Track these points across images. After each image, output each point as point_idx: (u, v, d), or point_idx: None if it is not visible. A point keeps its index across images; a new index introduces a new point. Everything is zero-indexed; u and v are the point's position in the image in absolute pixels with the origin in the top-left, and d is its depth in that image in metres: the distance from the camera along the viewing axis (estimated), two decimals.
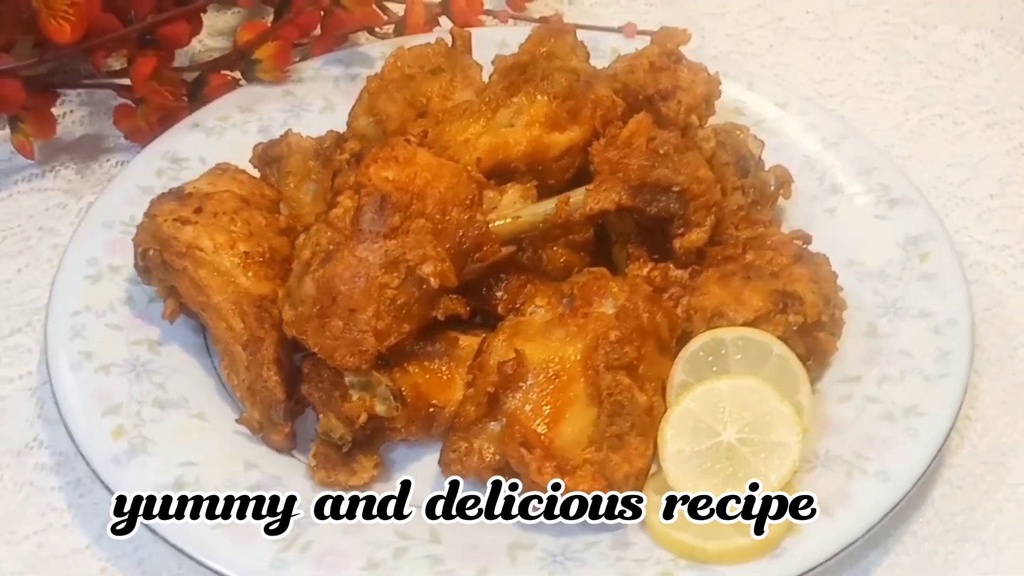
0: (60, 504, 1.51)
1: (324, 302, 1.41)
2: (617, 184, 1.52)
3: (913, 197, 1.77)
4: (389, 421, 1.44)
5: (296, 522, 1.39)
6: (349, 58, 2.04)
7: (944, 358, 1.54)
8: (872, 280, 1.66)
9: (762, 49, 2.25)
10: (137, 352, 1.57)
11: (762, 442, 1.36)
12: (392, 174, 1.44)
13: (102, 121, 2.06)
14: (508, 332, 1.44)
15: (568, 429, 1.38)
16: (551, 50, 1.71)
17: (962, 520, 1.50)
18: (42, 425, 1.59)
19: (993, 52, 2.23)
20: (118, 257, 1.68)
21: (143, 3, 1.86)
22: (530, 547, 1.37)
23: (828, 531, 1.36)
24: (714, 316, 1.47)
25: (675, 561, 1.34)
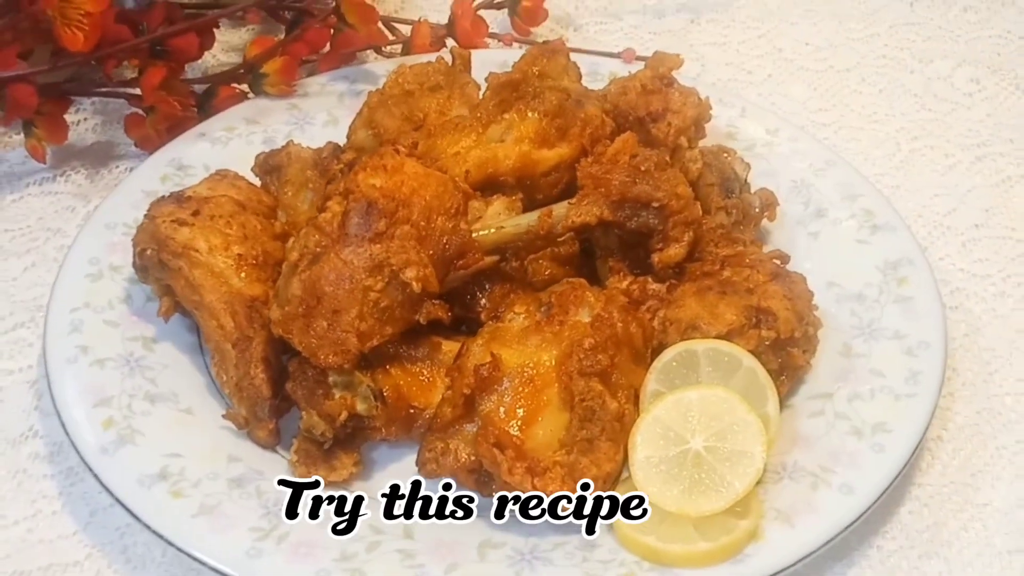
0: (51, 492, 1.56)
1: (309, 302, 1.47)
2: (599, 198, 1.57)
3: (895, 223, 1.81)
4: (369, 420, 1.48)
5: (274, 513, 1.43)
6: (354, 75, 2.10)
7: (914, 378, 1.57)
8: (850, 302, 1.70)
9: (760, 78, 2.30)
10: (132, 348, 1.62)
11: (728, 451, 1.40)
12: (380, 181, 1.49)
13: (114, 129, 2.13)
14: (486, 337, 1.49)
15: (540, 432, 1.42)
16: (543, 70, 1.76)
17: (928, 537, 1.53)
18: (38, 416, 1.65)
19: (987, 87, 2.27)
20: (119, 257, 1.73)
21: (155, 16, 1.92)
22: (499, 545, 1.41)
23: (790, 540, 1.39)
24: (688, 328, 1.51)
25: (639, 563, 1.38)
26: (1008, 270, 1.90)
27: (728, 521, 1.38)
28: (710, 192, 1.74)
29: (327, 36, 2.12)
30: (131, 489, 1.44)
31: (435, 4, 2.43)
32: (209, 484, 1.46)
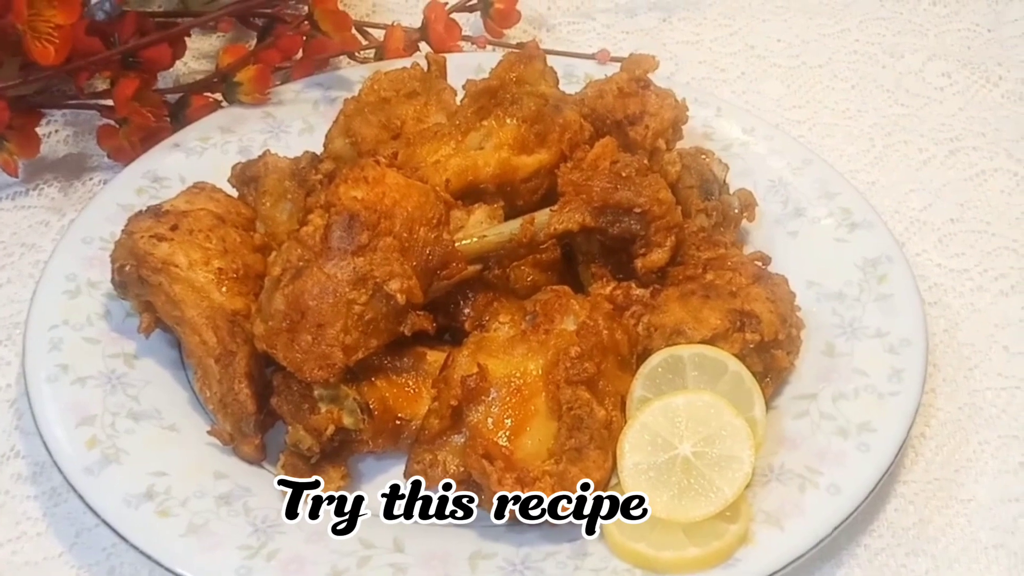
0: (35, 513, 1.55)
1: (293, 317, 1.46)
2: (581, 205, 1.57)
3: (873, 221, 1.82)
4: (356, 433, 1.48)
5: (262, 530, 1.42)
6: (328, 81, 2.08)
7: (897, 376, 1.58)
8: (831, 300, 1.71)
9: (733, 76, 2.31)
10: (113, 365, 1.61)
11: (716, 455, 1.41)
12: (361, 193, 1.49)
13: (86, 141, 2.11)
14: (472, 347, 1.48)
15: (529, 442, 1.42)
16: (521, 75, 1.75)
17: (914, 534, 1.54)
18: (19, 436, 1.63)
19: (958, 81, 2.29)
20: (96, 272, 1.72)
21: (126, 27, 1.90)
22: (491, 556, 1.41)
23: (780, 542, 1.40)
24: (673, 334, 1.52)
25: (631, 571, 1.38)
26: (984, 264, 1.91)
27: (718, 526, 1.38)
28: (689, 195, 1.74)
29: (299, 43, 2.11)
30: (117, 510, 1.43)
31: (406, 8, 2.42)
32: (196, 502, 1.45)
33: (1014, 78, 2.29)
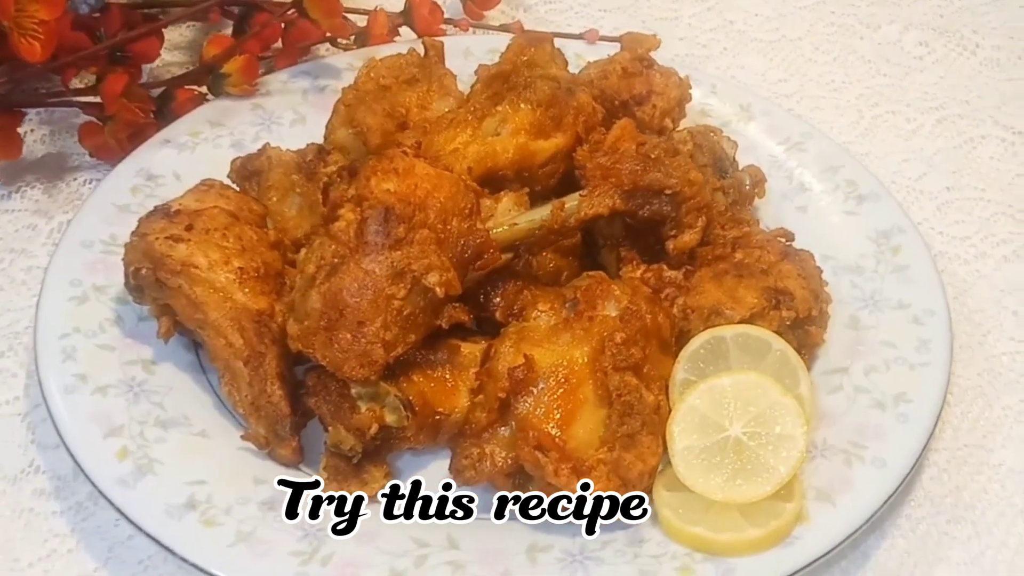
0: (63, 529, 1.49)
1: (331, 315, 1.42)
2: (610, 189, 1.55)
3: (879, 192, 1.83)
4: (399, 430, 1.45)
5: (312, 535, 1.39)
6: (316, 70, 2.04)
7: (925, 346, 1.60)
8: (848, 274, 1.71)
9: (716, 52, 2.30)
10: (132, 372, 1.56)
11: (768, 435, 1.40)
12: (393, 186, 1.45)
13: (64, 139, 2.03)
14: (514, 338, 1.46)
15: (580, 431, 1.40)
16: (532, 59, 1.73)
17: (951, 502, 1.56)
18: (37, 450, 1.57)
19: (936, 50, 2.31)
20: (101, 277, 1.66)
21: (112, 20, 1.84)
22: (548, 548, 1.40)
23: (834, 519, 1.41)
24: (711, 314, 1.51)
25: (691, 555, 1.37)
26: (985, 230, 1.94)
27: (775, 505, 1.38)
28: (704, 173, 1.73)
29: (279, 31, 2.06)
30: (160, 521, 1.38)
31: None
32: (240, 509, 1.41)
33: (989, 45, 2.32)
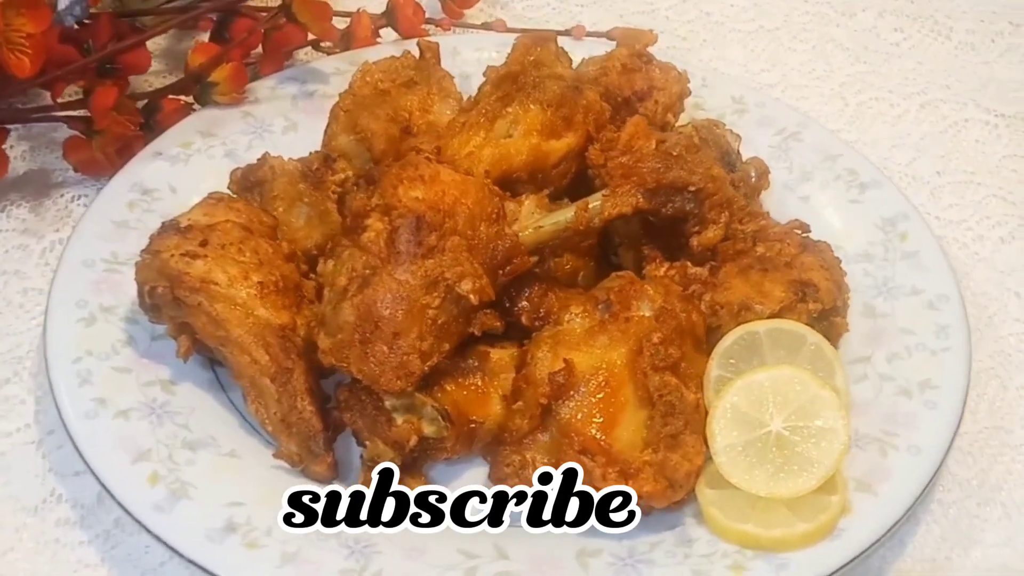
0: (92, 558, 1.45)
1: (366, 328, 1.39)
2: (633, 188, 1.54)
3: (880, 179, 1.85)
4: (437, 441, 1.43)
5: (358, 552, 1.36)
6: (303, 75, 2.00)
7: (944, 332, 1.61)
8: (859, 262, 1.72)
9: (696, 44, 2.31)
10: (152, 394, 1.52)
11: (810, 428, 1.41)
12: (421, 193, 1.43)
13: (44, 154, 1.98)
14: (550, 342, 1.45)
15: (623, 433, 1.40)
16: (538, 58, 1.71)
17: (978, 484, 1.58)
18: (56, 479, 1.52)
19: (912, 35, 2.34)
20: (108, 297, 1.61)
21: (101, 32, 1.78)
22: (597, 553, 1.39)
23: (877, 508, 1.41)
24: (741, 310, 1.51)
25: (742, 552, 1.37)
26: (980, 213, 1.97)
27: (820, 498, 1.39)
28: None
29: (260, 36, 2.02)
30: (201, 546, 1.35)
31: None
32: (281, 530, 1.38)
33: (962, 29, 2.36)
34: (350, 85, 1.82)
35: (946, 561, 1.49)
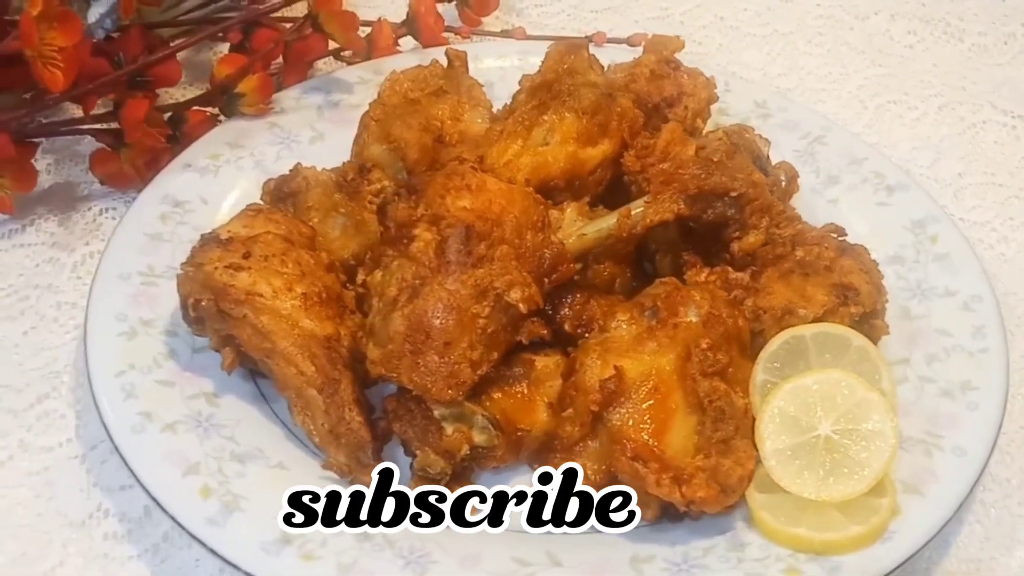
0: (142, 573, 1.45)
1: (417, 338, 1.40)
2: (675, 194, 1.55)
3: (907, 182, 1.86)
4: (487, 450, 1.43)
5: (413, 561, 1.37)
6: (327, 85, 2.00)
7: (980, 332, 1.63)
8: (891, 264, 1.73)
9: (712, 49, 2.32)
10: (197, 407, 1.52)
11: (858, 431, 1.42)
12: (469, 203, 1.44)
13: (69, 167, 1.97)
14: (598, 350, 1.45)
15: (675, 439, 1.40)
16: (572, 66, 1.72)
17: (1017, 483, 1.59)
18: (102, 493, 1.52)
19: (925, 38, 2.36)
20: (146, 310, 1.61)
21: (131, 44, 1.78)
22: (650, 559, 1.39)
23: (926, 510, 1.42)
24: (785, 315, 1.52)
25: (794, 556, 1.38)
26: (1003, 214, 1.98)
27: (871, 501, 1.40)
28: None
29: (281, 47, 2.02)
30: (258, 559, 1.35)
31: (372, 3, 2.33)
32: (336, 541, 1.38)
33: (974, 31, 2.38)
34: (379, 95, 1.82)
35: (991, 561, 1.51)
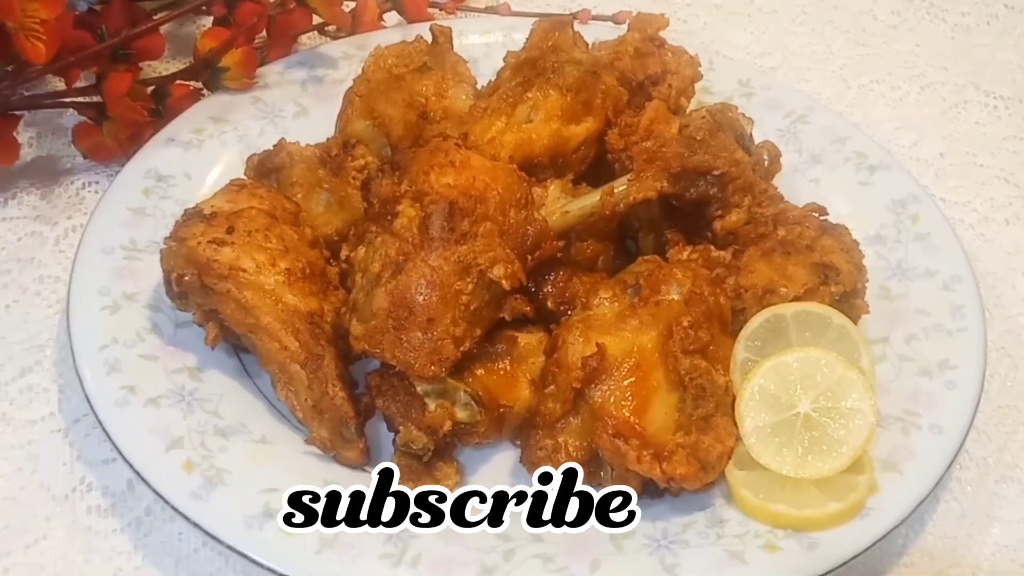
0: (126, 546, 1.45)
1: (400, 314, 1.40)
2: (658, 172, 1.56)
3: (889, 162, 1.87)
4: (470, 426, 1.44)
5: (396, 536, 1.37)
6: (311, 60, 2.00)
7: (959, 312, 1.64)
8: (872, 244, 1.74)
9: (697, 27, 2.32)
10: (180, 381, 1.52)
11: (837, 409, 1.43)
12: (452, 179, 1.44)
13: (51, 140, 1.97)
14: (581, 327, 1.46)
15: (656, 417, 1.41)
16: (556, 43, 1.72)
17: (994, 462, 1.61)
18: (85, 467, 1.52)
19: (908, 19, 2.37)
20: (130, 284, 1.61)
21: (114, 17, 1.77)
22: (630, 534, 1.40)
23: (903, 487, 1.44)
24: (766, 293, 1.53)
25: (773, 532, 1.40)
26: (984, 194, 2.00)
27: (849, 478, 1.41)
28: None
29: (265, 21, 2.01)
30: (241, 533, 1.36)
31: None
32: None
33: (957, 12, 2.39)
34: (363, 70, 1.82)
35: (967, 538, 1.52)
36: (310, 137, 1.78)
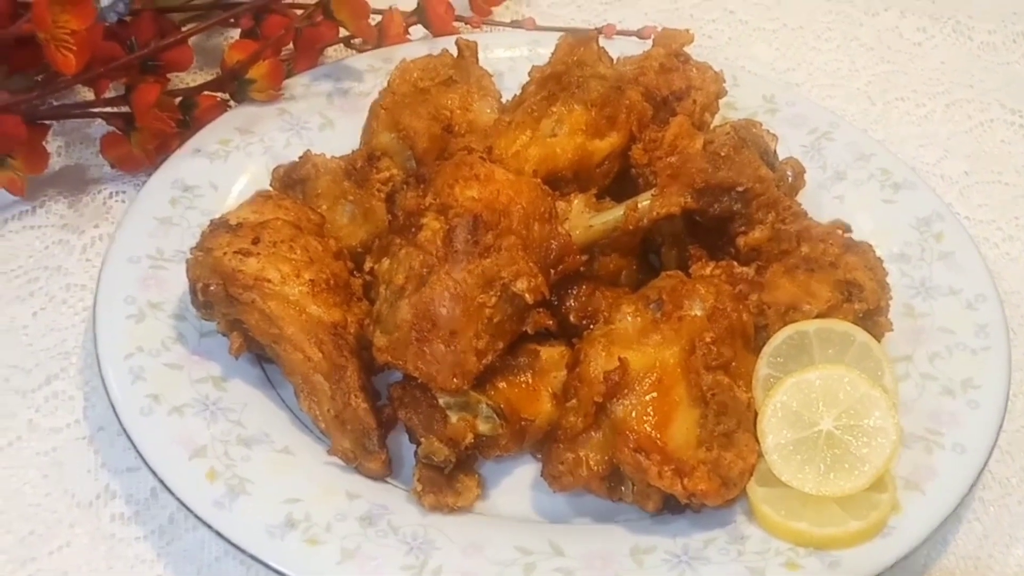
0: (148, 554, 1.46)
1: (423, 326, 1.41)
2: (682, 188, 1.56)
3: (913, 180, 1.87)
4: (492, 439, 1.44)
5: (417, 548, 1.38)
6: (337, 73, 2.01)
7: (983, 331, 1.64)
8: (895, 262, 1.74)
9: (722, 43, 2.33)
10: (204, 390, 1.53)
11: (860, 427, 1.43)
12: (477, 193, 1.44)
13: (80, 150, 1.99)
14: (603, 341, 1.46)
15: (677, 432, 1.41)
16: (581, 58, 1.73)
17: (1017, 482, 1.60)
18: (109, 475, 1.53)
19: (934, 36, 2.36)
20: (155, 293, 1.63)
21: (143, 28, 1.79)
22: (651, 550, 1.40)
23: (926, 506, 1.44)
24: (789, 310, 1.53)
25: (794, 549, 1.39)
26: (1009, 213, 1.99)
27: (871, 496, 1.41)
28: None
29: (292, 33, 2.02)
30: (263, 542, 1.36)
31: None
32: (340, 526, 1.39)
33: (983, 29, 2.38)
34: (389, 83, 1.83)
35: (989, 559, 1.52)
36: (335, 149, 1.79)
